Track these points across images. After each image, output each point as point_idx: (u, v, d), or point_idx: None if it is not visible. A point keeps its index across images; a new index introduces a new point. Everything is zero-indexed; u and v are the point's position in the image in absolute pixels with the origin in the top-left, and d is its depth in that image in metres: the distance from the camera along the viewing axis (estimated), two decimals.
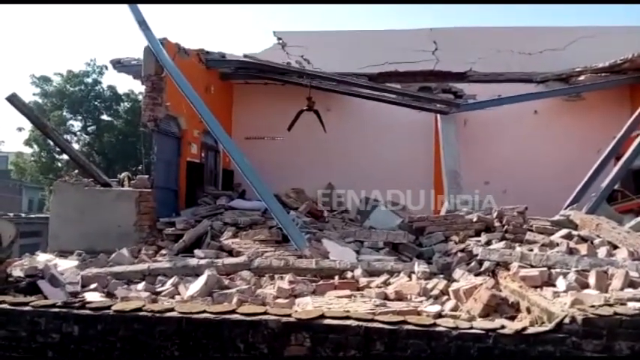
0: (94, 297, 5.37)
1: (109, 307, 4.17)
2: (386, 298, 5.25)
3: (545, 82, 12.16)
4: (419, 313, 4.61)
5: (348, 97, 12.28)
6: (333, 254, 6.93)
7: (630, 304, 3.89)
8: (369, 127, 12.60)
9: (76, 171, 10.27)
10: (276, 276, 6.06)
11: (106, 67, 25.94)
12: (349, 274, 6.14)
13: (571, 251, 5.88)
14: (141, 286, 5.86)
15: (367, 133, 12.58)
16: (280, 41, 13.29)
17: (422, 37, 12.85)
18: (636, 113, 10.16)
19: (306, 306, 4.75)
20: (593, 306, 3.89)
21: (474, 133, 12.02)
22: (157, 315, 4.01)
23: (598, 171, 9.64)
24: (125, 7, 10.07)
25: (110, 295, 5.59)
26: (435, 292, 5.43)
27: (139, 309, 4.13)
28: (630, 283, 4.72)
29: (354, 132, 12.59)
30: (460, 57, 12.43)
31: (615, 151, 9.94)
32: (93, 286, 5.82)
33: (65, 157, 22.08)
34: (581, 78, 11.85)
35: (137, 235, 8.22)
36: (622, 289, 4.58)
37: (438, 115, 12.02)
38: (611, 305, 3.90)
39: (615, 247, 6.21)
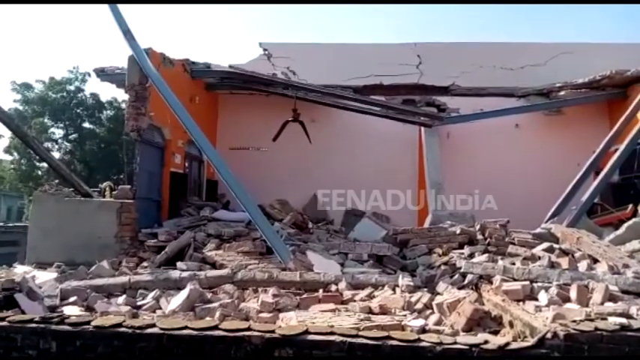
0: (73, 311, 5.27)
1: (88, 323, 4.07)
2: (370, 312, 5.24)
3: (527, 97, 12.42)
4: (403, 328, 4.60)
5: (333, 109, 12.34)
6: (317, 267, 6.90)
7: (611, 319, 3.94)
8: (354, 138, 12.67)
9: (57, 181, 10.09)
10: (259, 289, 6.01)
11: (89, 75, 25.71)
12: (333, 287, 6.11)
13: (552, 265, 5.95)
14: (121, 299, 5.75)
15: (352, 145, 12.65)
16: (266, 52, 13.32)
17: (406, 50, 13.01)
18: (615, 128, 10.40)
19: (290, 321, 4.71)
20: (574, 321, 3.93)
21: (457, 146, 12.16)
22: (138, 331, 3.92)
23: (578, 184, 9.80)
24: (110, 15, 10.00)
25: (90, 309, 5.47)
26: (419, 305, 5.43)
27: (119, 324, 4.04)
28: (610, 297, 4.80)
29: (339, 143, 12.64)
30: (444, 71, 12.63)
31: (595, 165, 10.13)
32: (72, 299, 5.69)
33: (46, 165, 21.70)
34: (562, 93, 12.13)
35: (118, 247, 8.10)
36: (602, 303, 4.65)
37: (422, 128, 12.14)
38: (592, 320, 3.95)
39: (596, 260, 6.30)
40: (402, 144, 12.59)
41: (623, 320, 3.86)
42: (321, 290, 5.98)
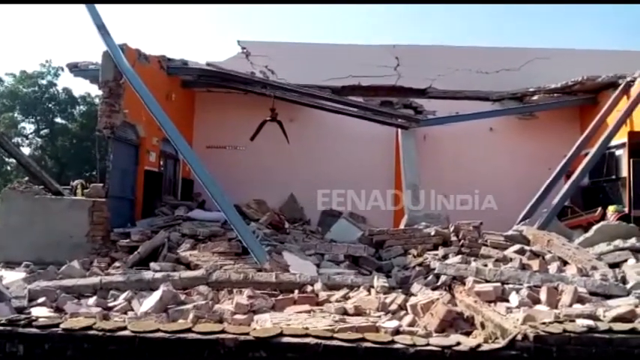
0: (41, 312, 5.14)
1: (57, 326, 3.98)
2: (345, 313, 5.25)
3: (501, 101, 12.66)
4: (377, 329, 4.64)
5: (311, 109, 12.33)
6: (293, 267, 6.89)
7: (578, 321, 4.04)
8: (332, 139, 12.70)
9: (26, 178, 9.82)
10: (234, 290, 5.96)
11: (62, 69, 25.08)
12: (309, 288, 6.11)
13: (524, 267, 6.08)
14: (92, 300, 5.63)
15: (330, 145, 12.67)
16: (244, 51, 13.23)
17: (385, 52, 13.09)
18: (585, 133, 10.67)
19: (265, 323, 4.69)
20: (544, 323, 4.02)
21: (433, 147, 12.31)
22: (109, 334, 3.86)
23: (549, 187, 10.02)
24: (84, 9, 9.78)
25: (59, 310, 5.35)
26: (394, 306, 5.48)
27: (90, 327, 3.96)
28: (579, 299, 4.93)
29: (316, 143, 12.65)
30: (421, 74, 12.76)
31: (566, 169, 10.38)
32: (41, 300, 5.55)
33: (15, 161, 21.11)
34: (535, 98, 12.40)
35: (89, 247, 7.95)
36: (571, 304, 4.77)
37: (399, 130, 12.24)
38: (560, 322, 4.05)
39: (565, 262, 6.47)
40: (379, 145, 12.67)
41: (590, 322, 3.97)
42: (296, 291, 5.98)
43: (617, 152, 10.71)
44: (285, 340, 3.80)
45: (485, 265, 6.18)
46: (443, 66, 12.79)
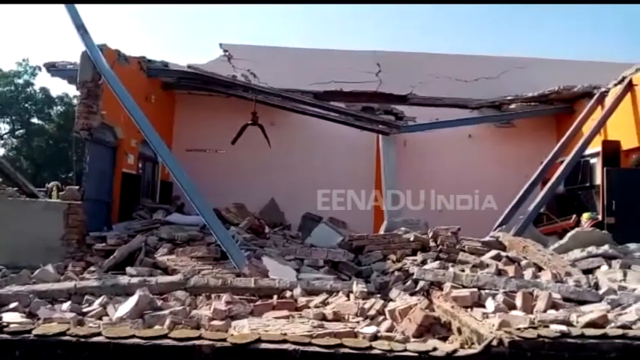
0: (13, 317, 4.99)
1: (29, 332, 3.88)
2: (324, 318, 5.25)
3: (480, 109, 12.89)
4: (356, 335, 4.64)
5: (293, 113, 12.37)
6: (272, 273, 6.86)
7: (552, 326, 4.11)
8: (313, 143, 12.73)
9: (0, 179, 9.59)
10: (213, 295, 5.90)
11: (40, 68, 24.61)
12: (288, 294, 6.08)
13: (500, 272, 6.16)
14: (66, 305, 5.51)
15: (311, 150, 12.70)
16: (226, 53, 13.20)
17: (366, 58, 13.21)
18: (561, 141, 10.90)
19: (243, 329, 4.65)
20: (519, 328, 4.07)
21: (413, 154, 12.44)
22: (83, 340, 3.77)
23: (526, 194, 10.19)
24: (63, 8, 9.63)
25: (32, 315, 5.21)
26: (372, 312, 5.49)
27: (63, 333, 3.87)
28: (553, 305, 5.01)
29: (297, 148, 12.66)
30: (402, 80, 12.90)
31: (542, 176, 10.56)
32: (13, 305, 5.40)
33: None
34: (513, 106, 12.65)
35: (64, 250, 7.79)
36: (545, 310, 4.85)
37: (380, 135, 12.33)
38: (535, 327, 4.10)
39: (540, 268, 6.58)
40: (360, 150, 12.74)
41: (564, 327, 4.04)
42: (275, 297, 5.95)
43: (592, 160, 10.97)
44: (263, 346, 3.77)
45: (463, 271, 6.24)
46: (423, 73, 12.97)
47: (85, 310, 5.43)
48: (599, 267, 6.57)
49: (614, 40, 46.12)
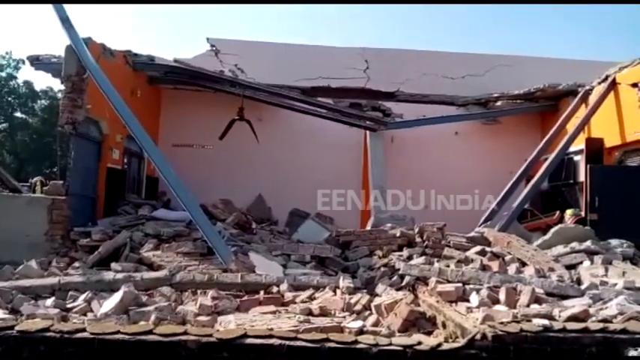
0: None
1: (12, 328, 3.85)
2: (310, 313, 5.27)
3: (466, 106, 12.97)
4: (342, 330, 4.67)
5: (280, 109, 12.31)
6: (259, 268, 6.86)
7: (535, 321, 4.17)
8: (301, 139, 12.71)
9: None
10: (199, 291, 5.89)
11: (23, 62, 24.23)
12: (275, 289, 6.10)
13: (484, 267, 6.24)
14: (50, 301, 5.45)
15: (299, 146, 12.68)
16: (214, 48, 13.10)
17: (354, 55, 13.21)
18: (545, 138, 11.02)
19: (229, 324, 4.65)
20: (502, 322, 4.13)
21: (400, 150, 12.49)
22: (66, 336, 3.75)
23: (510, 191, 10.29)
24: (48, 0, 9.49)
25: (15, 311, 5.15)
26: (358, 307, 5.53)
27: (46, 329, 3.84)
28: (536, 299, 5.09)
29: (285, 143, 12.63)
30: (389, 77, 12.93)
31: (526, 173, 10.68)
32: None
33: None
34: (498, 103, 12.76)
35: (48, 246, 7.70)
36: (528, 305, 4.92)
37: (367, 132, 12.36)
38: (518, 322, 4.17)
39: (524, 263, 6.67)
40: (348, 146, 12.76)
41: (546, 322, 4.10)
42: (262, 292, 5.96)
43: (576, 158, 11.12)
44: (249, 341, 3.78)
45: (448, 266, 6.30)
46: (410, 70, 13.02)
47: (69, 306, 5.39)
48: (581, 262, 6.69)
49: (598, 39, 46.75)
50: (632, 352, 3.77)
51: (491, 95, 12.77)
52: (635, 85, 9.61)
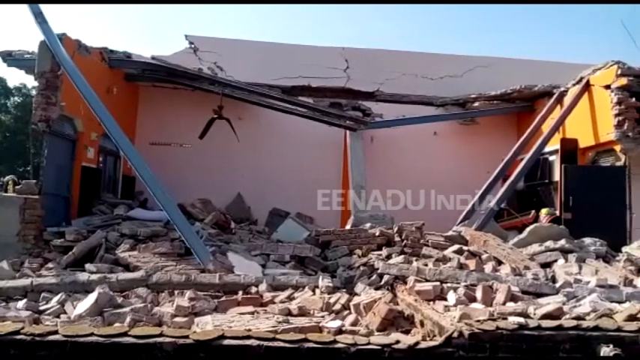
0: None
1: None
2: (289, 313, 5.25)
3: (444, 106, 13.12)
4: (320, 329, 4.66)
5: (260, 108, 12.23)
6: (238, 268, 6.80)
7: (511, 319, 4.23)
8: (281, 138, 12.65)
9: None
10: (176, 292, 5.81)
11: None
12: (254, 289, 6.06)
13: (461, 266, 6.31)
14: (21, 304, 5.32)
15: (278, 145, 12.62)
16: (192, 46, 12.94)
17: (334, 54, 13.21)
18: (522, 139, 11.22)
19: (206, 325, 4.60)
20: (478, 320, 4.18)
21: (379, 150, 12.54)
22: (38, 338, 3.65)
23: (487, 190, 10.43)
24: None
25: None
26: (337, 306, 5.53)
27: (17, 332, 3.73)
28: (512, 297, 5.17)
29: (265, 142, 12.56)
30: (369, 77, 12.98)
31: (503, 173, 10.85)
32: None
33: None
34: (476, 104, 12.92)
35: (20, 247, 7.53)
36: (505, 303, 5.00)
37: (347, 131, 12.38)
38: (494, 320, 4.22)
39: (500, 262, 6.77)
40: (327, 146, 12.75)
41: (521, 319, 4.16)
42: (240, 292, 5.91)
43: (551, 158, 11.33)
44: (226, 342, 3.74)
45: (426, 265, 6.36)
46: (390, 70, 13.07)
47: (41, 308, 5.27)
48: (556, 261, 6.82)
49: (573, 40, 47.76)
50: (604, 349, 3.85)
51: (469, 96, 12.93)
52: (608, 87, 9.83)
